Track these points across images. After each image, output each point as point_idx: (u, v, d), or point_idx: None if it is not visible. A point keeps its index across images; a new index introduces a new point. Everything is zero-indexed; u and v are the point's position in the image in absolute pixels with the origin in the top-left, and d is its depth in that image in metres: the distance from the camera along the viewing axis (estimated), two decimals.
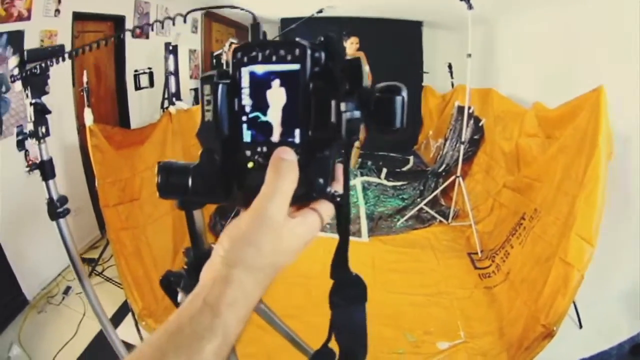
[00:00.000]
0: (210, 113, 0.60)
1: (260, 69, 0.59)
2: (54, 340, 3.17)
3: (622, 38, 3.35)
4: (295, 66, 0.57)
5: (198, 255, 0.95)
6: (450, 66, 6.75)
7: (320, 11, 5.71)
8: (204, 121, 0.60)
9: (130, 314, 3.21)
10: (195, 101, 6.93)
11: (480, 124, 5.37)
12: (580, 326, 3.21)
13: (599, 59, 3.74)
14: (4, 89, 3.32)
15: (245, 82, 0.60)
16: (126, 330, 3.18)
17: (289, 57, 0.57)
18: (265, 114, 0.59)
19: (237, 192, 0.62)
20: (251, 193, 0.59)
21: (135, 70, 5.53)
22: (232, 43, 5.92)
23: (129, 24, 5.26)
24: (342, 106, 0.55)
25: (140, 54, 5.63)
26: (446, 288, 3.85)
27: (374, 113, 0.56)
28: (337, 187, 0.61)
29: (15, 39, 3.35)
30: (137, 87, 5.58)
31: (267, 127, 0.59)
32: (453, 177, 5.04)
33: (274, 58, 0.58)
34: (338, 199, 0.60)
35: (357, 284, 0.65)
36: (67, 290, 3.70)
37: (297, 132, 0.58)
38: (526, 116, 4.29)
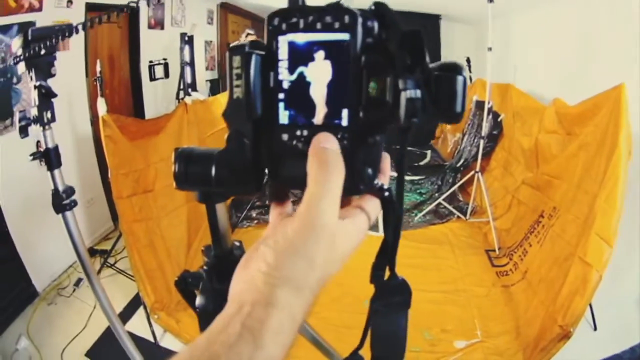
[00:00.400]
0: (240, 89, 0.50)
1: (301, 38, 0.50)
2: (64, 333, 3.17)
3: None
4: (344, 35, 0.48)
5: (220, 255, 0.83)
6: (468, 60, 6.66)
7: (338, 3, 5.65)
8: (232, 99, 0.51)
9: (142, 307, 3.18)
10: (212, 92, 6.90)
11: (499, 119, 5.29)
12: (595, 328, 3.16)
13: (618, 57, 3.69)
14: (15, 80, 3.30)
15: (283, 53, 0.51)
16: (138, 323, 3.17)
17: (336, 25, 0.49)
18: (307, 92, 0.50)
19: (269, 184, 0.55)
20: (287, 185, 0.53)
21: (150, 61, 5.51)
22: (248, 34, 5.88)
23: (143, 15, 5.24)
24: (400, 83, 0.46)
25: (156, 45, 5.62)
26: (464, 285, 3.81)
27: (433, 94, 0.47)
28: (383, 180, 0.53)
29: None
30: (152, 78, 5.56)
31: (309, 107, 0.50)
32: (472, 173, 4.97)
33: (318, 25, 0.49)
34: (386, 194, 0.53)
35: (403, 289, 0.58)
36: (78, 282, 3.69)
37: (344, 112, 0.49)
38: (546, 112, 4.21)
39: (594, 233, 2.82)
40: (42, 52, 1.74)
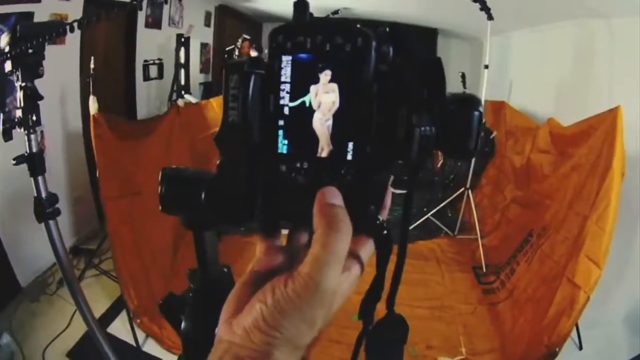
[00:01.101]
0: (236, 112, 0.46)
1: (307, 59, 0.45)
2: (46, 331, 3.11)
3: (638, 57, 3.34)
4: (356, 60, 0.44)
5: (206, 283, 0.78)
6: (463, 76, 6.68)
7: (337, 12, 5.66)
8: (226, 122, 0.47)
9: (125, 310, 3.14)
10: (204, 95, 6.85)
11: (491, 137, 5.30)
12: (581, 347, 3.16)
13: (615, 78, 3.72)
14: None
15: (286, 75, 0.46)
16: (121, 326, 3.14)
17: (347, 48, 0.44)
18: (310, 119, 0.46)
19: (261, 216, 0.49)
20: (281, 220, 0.48)
21: (145, 61, 5.45)
22: (245, 39, 5.87)
23: (141, 13, 5.20)
24: (414, 118, 0.43)
25: (151, 45, 5.58)
26: (450, 302, 3.79)
27: (446, 130, 0.44)
28: (383, 214, 0.50)
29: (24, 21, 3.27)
30: (146, 78, 5.50)
31: (312, 137, 0.46)
32: (462, 189, 4.95)
33: (327, 47, 0.45)
34: (384, 232, 0.49)
35: (399, 325, 0.55)
36: (61, 280, 3.62)
37: (350, 146, 0.45)
38: (539, 132, 4.22)
39: (583, 254, 2.83)
40: (30, 50, 1.68)
